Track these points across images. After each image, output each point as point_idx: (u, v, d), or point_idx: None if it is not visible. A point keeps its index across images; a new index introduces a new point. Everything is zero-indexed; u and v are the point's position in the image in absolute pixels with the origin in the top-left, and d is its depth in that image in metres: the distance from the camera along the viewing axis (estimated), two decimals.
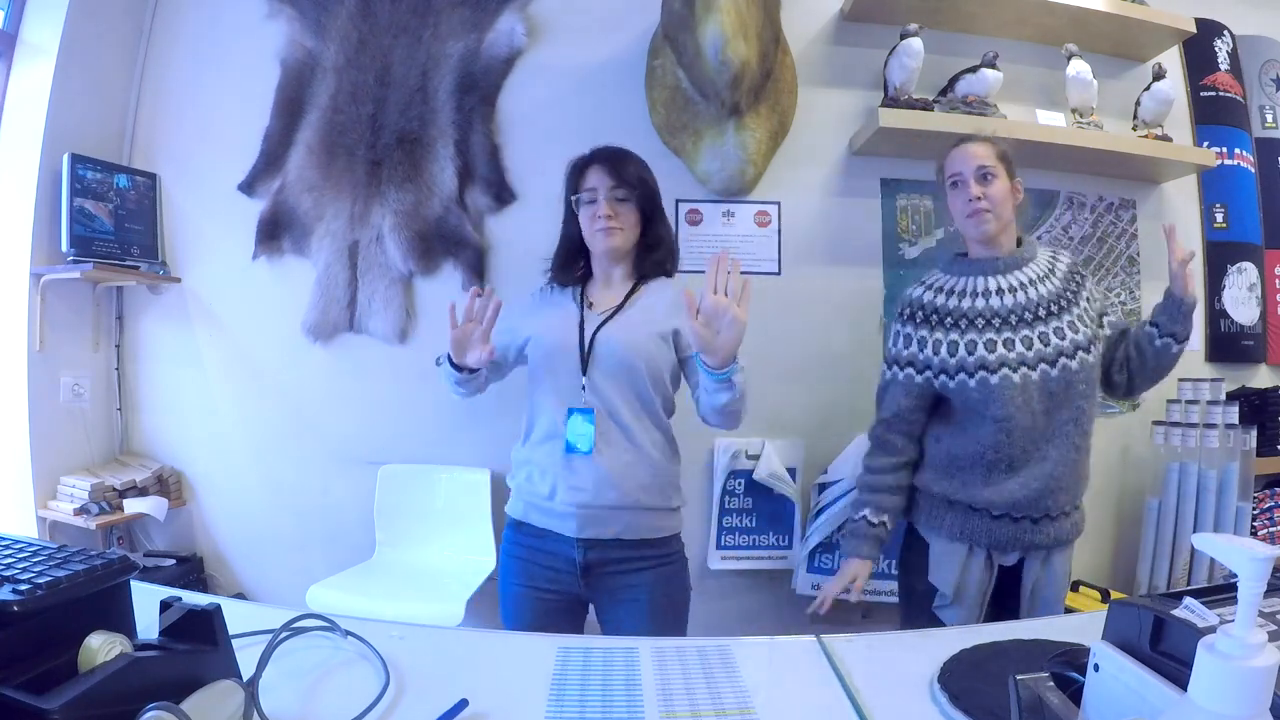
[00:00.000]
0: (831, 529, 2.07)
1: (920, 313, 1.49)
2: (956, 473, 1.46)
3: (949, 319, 1.45)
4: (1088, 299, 1.44)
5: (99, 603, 0.63)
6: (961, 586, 1.45)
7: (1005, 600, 1.48)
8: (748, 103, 2.05)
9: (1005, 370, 1.38)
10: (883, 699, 0.76)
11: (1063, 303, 1.42)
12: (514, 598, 1.37)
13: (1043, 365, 1.38)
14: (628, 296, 1.39)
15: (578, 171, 1.40)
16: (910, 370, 1.49)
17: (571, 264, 1.44)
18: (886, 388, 1.56)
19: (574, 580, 1.33)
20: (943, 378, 1.45)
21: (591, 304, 1.39)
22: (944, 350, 1.44)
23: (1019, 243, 1.49)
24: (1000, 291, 1.43)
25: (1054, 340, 1.39)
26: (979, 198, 1.41)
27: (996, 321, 1.41)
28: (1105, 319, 1.48)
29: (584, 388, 1.31)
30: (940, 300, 1.48)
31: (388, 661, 0.79)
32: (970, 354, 1.41)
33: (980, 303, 1.43)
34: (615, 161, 1.37)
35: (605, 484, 1.29)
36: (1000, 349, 1.39)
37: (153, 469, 2.23)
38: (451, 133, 2.22)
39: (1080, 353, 1.39)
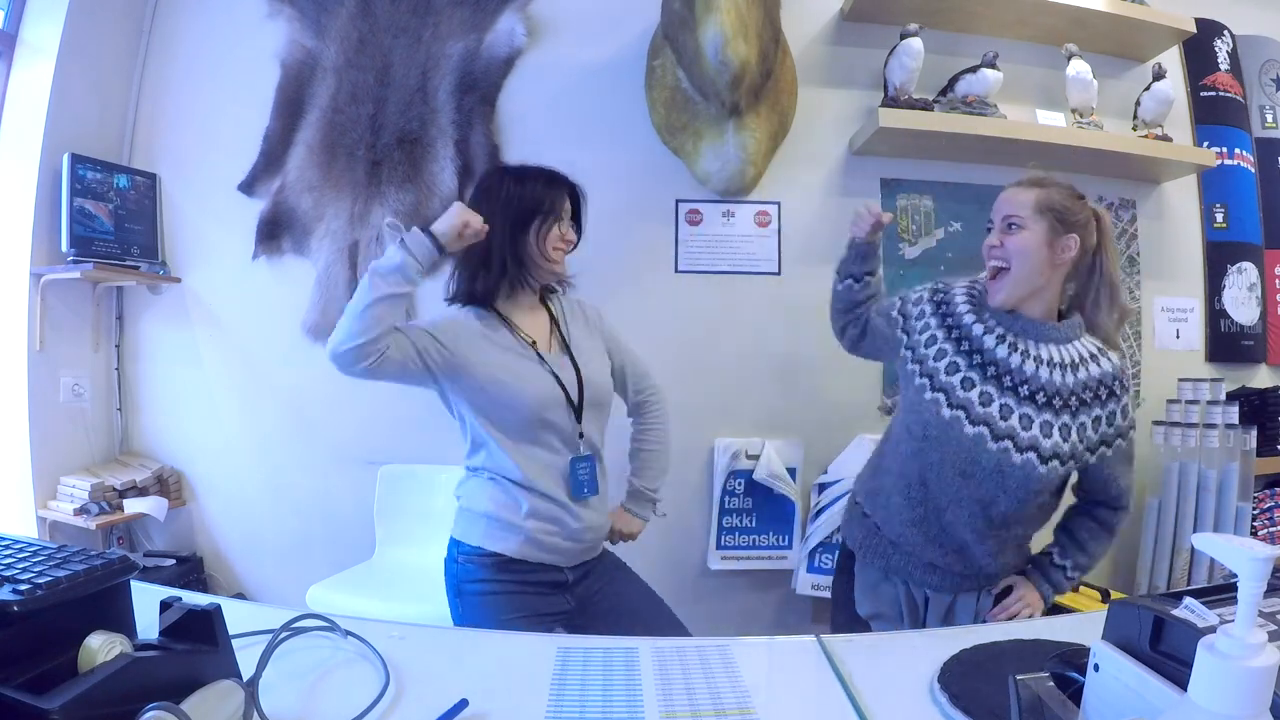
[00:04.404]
0: (831, 529, 2.07)
1: (945, 308, 1.33)
2: (878, 493, 1.37)
3: (960, 335, 1.29)
4: (1097, 419, 1.21)
5: (99, 603, 0.63)
6: (884, 614, 1.37)
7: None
8: (748, 103, 2.05)
9: (960, 412, 1.24)
10: (883, 699, 0.76)
11: (1070, 403, 1.21)
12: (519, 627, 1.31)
13: (992, 436, 1.22)
14: (552, 321, 1.38)
15: (548, 186, 1.33)
16: (901, 333, 1.37)
17: (501, 280, 1.33)
18: (886, 307, 1.43)
19: (563, 600, 1.34)
20: (913, 366, 1.32)
21: (534, 341, 1.32)
22: (934, 351, 1.30)
23: (1060, 316, 1.26)
24: (1024, 353, 1.23)
25: (1020, 430, 1.20)
26: (995, 245, 1.23)
27: (1006, 378, 1.23)
28: (1102, 450, 1.24)
29: (581, 435, 1.33)
30: (966, 315, 1.30)
31: (388, 661, 0.79)
32: (950, 375, 1.26)
33: (1001, 350, 1.24)
34: (576, 190, 1.38)
35: (599, 512, 1.37)
36: (976, 400, 1.23)
37: (153, 469, 2.23)
38: (451, 133, 2.22)
39: (1032, 454, 1.19)
